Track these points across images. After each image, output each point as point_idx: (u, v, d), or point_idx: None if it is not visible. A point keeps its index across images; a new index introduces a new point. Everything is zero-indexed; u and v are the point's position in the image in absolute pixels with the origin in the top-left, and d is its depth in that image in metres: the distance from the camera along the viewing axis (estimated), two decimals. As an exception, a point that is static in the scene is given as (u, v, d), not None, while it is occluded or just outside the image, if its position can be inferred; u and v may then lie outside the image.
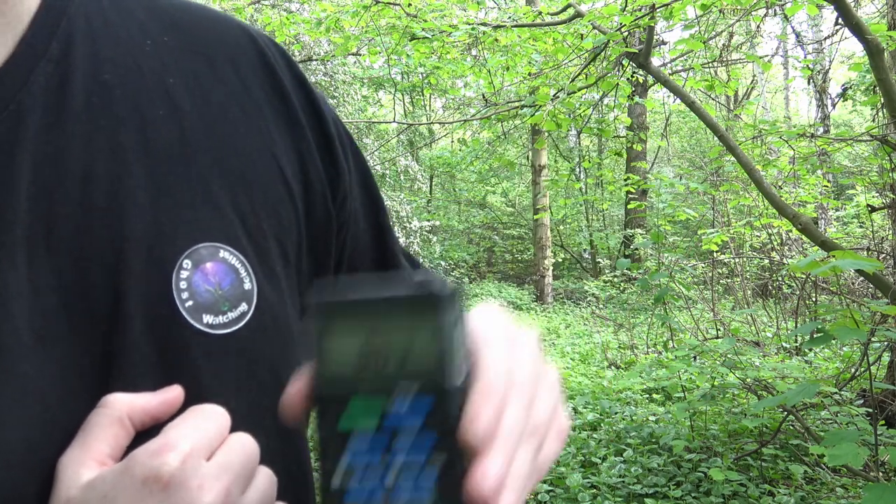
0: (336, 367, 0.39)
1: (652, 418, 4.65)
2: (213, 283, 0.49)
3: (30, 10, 0.48)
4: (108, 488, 0.39)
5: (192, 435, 0.41)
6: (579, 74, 5.46)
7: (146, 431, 0.44)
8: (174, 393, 0.45)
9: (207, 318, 0.48)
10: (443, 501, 0.37)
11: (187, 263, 0.48)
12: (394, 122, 11.26)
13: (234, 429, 0.47)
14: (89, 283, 0.45)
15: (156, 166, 0.49)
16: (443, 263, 13.21)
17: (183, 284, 0.47)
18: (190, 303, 0.47)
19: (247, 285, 0.50)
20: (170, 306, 0.47)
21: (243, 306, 0.50)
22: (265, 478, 0.44)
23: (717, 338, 5.73)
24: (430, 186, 16.34)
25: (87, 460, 0.41)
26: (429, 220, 13.30)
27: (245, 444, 0.43)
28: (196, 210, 0.49)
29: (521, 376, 0.41)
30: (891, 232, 5.16)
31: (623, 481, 3.78)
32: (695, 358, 4.59)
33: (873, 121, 5.30)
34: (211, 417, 0.43)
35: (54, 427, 0.42)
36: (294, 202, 0.56)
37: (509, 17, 6.62)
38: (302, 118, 0.59)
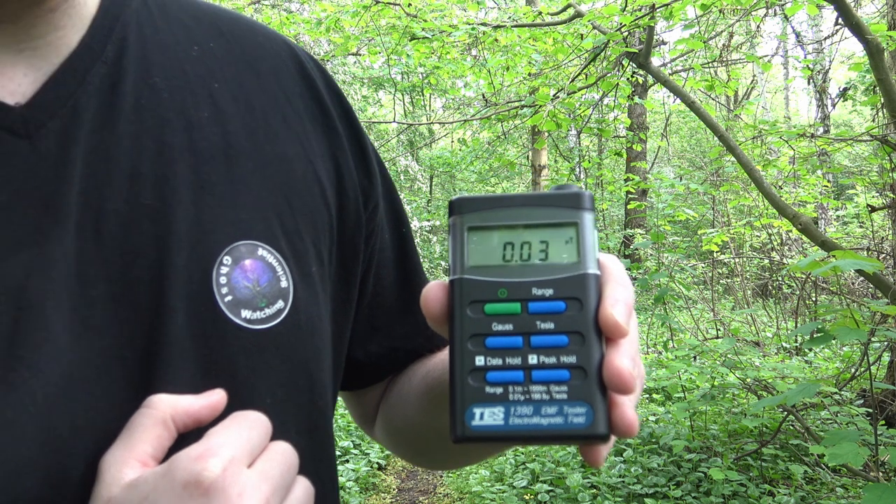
0: (483, 255, 0.42)
1: (652, 418, 4.65)
2: (252, 279, 0.50)
3: (90, 13, 0.50)
4: (149, 490, 0.39)
5: (234, 442, 0.41)
6: (579, 74, 5.46)
7: (188, 433, 0.44)
8: (217, 396, 0.46)
9: (245, 314, 0.49)
10: (582, 381, 0.39)
11: (227, 260, 0.49)
12: (394, 122, 11.25)
13: None
14: (134, 277, 0.46)
15: (200, 166, 0.51)
16: (443, 263, 13.20)
17: (223, 280, 0.49)
18: (229, 298, 0.49)
19: (283, 283, 0.52)
20: (210, 301, 0.48)
21: (280, 303, 0.51)
22: (303, 488, 0.45)
23: (717, 338, 5.73)
24: (430, 186, 16.34)
25: (130, 460, 0.41)
26: (429, 220, 13.31)
27: (285, 454, 0.44)
28: (237, 210, 0.51)
29: (633, 300, 0.43)
30: (891, 232, 5.16)
31: (623, 481, 3.78)
32: (695, 358, 4.59)
33: (873, 121, 5.30)
34: (254, 425, 0.43)
35: (98, 415, 0.43)
36: (329, 208, 0.58)
37: (509, 17, 6.61)
38: (339, 128, 0.61)
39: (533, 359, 0.39)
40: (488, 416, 0.39)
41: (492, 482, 4.10)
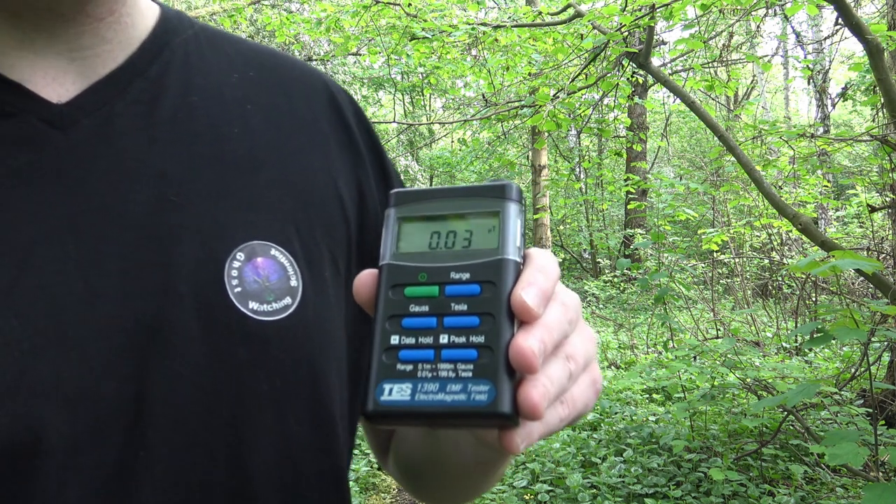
0: (410, 243, 0.44)
1: (652, 418, 4.65)
2: (262, 275, 0.55)
3: (140, 37, 0.58)
4: None
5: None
6: (579, 74, 5.46)
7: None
8: None
9: (253, 305, 0.54)
10: (488, 360, 0.39)
11: (240, 255, 0.54)
12: (394, 122, 11.24)
13: (263, 411, 0.52)
14: (148, 259, 0.51)
15: (224, 173, 0.57)
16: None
17: (234, 273, 0.54)
18: (238, 289, 0.53)
19: (293, 283, 0.56)
20: (219, 290, 0.53)
21: (287, 300, 0.55)
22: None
23: (717, 338, 5.73)
24: (431, 186, 16.30)
25: None
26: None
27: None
28: (255, 213, 0.56)
29: (566, 297, 0.44)
30: (891, 232, 5.16)
31: (623, 481, 3.78)
32: (695, 358, 4.59)
33: (873, 121, 5.30)
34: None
35: (88, 373, 0.47)
36: (347, 222, 0.63)
37: (509, 17, 6.62)
38: (363, 151, 0.67)
39: (444, 338, 0.40)
40: (396, 392, 0.40)
41: (492, 482, 4.09)
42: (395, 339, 0.41)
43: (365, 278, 0.44)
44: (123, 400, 0.48)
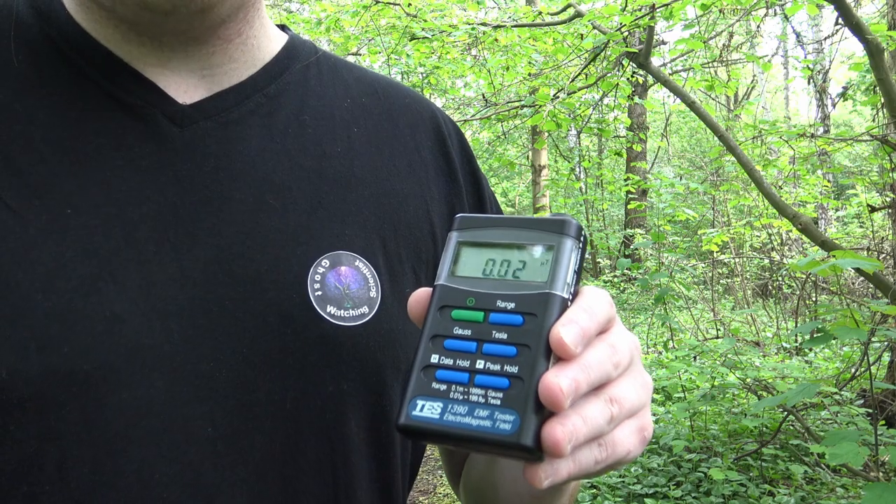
0: (466, 267, 0.45)
1: (652, 418, 4.64)
2: (344, 283, 0.58)
3: (265, 59, 0.64)
4: None
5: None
6: (579, 74, 5.46)
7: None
8: None
9: (330, 309, 0.57)
10: (518, 391, 0.40)
11: (325, 262, 0.58)
12: (394, 122, 11.19)
13: (325, 410, 0.56)
14: (237, 254, 0.55)
15: (322, 186, 0.61)
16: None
17: (317, 277, 0.57)
18: (319, 293, 0.57)
19: (372, 294, 0.60)
20: (301, 291, 0.56)
21: (364, 309, 0.59)
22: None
23: (717, 338, 5.73)
24: (430, 186, 16.27)
25: None
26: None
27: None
28: (346, 226, 0.60)
29: (617, 339, 0.43)
30: (891, 232, 5.16)
31: (623, 481, 3.77)
32: (695, 358, 4.59)
33: (873, 121, 5.30)
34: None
35: (165, 343, 0.51)
36: (436, 244, 0.67)
37: (509, 17, 6.61)
38: (461, 179, 0.71)
39: (480, 364, 0.41)
40: (427, 409, 0.41)
41: (492, 482, 4.09)
42: (434, 358, 0.42)
43: (419, 296, 0.46)
44: (196, 375, 0.52)
